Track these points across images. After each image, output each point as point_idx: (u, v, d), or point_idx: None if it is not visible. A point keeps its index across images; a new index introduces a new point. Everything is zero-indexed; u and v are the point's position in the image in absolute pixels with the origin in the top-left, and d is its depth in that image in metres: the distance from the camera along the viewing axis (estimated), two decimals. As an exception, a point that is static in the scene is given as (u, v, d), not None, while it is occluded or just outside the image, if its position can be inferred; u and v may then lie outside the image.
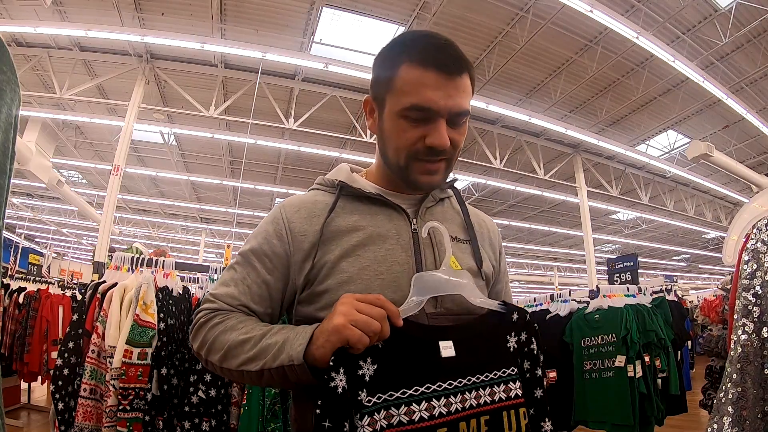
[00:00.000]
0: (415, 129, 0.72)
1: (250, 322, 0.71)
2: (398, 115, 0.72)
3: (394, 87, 0.73)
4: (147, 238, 16.07)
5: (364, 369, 0.62)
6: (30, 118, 6.99)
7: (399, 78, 0.72)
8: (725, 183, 10.55)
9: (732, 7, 5.53)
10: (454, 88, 0.71)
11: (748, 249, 0.99)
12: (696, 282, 22.68)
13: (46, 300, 4.03)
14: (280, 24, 6.14)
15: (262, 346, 0.66)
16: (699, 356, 7.19)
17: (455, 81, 0.71)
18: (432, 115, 0.71)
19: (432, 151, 0.72)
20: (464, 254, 0.81)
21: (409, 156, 0.74)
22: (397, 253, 0.75)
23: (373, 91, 0.78)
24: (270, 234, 0.77)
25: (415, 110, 0.71)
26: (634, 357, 2.63)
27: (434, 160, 0.74)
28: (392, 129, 0.74)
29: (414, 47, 0.72)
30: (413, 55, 0.71)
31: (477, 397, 0.67)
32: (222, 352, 0.69)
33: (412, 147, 0.73)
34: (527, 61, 6.79)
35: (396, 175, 0.79)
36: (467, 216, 0.86)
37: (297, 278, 0.75)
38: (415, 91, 0.70)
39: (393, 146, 0.75)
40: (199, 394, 2.02)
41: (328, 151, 8.74)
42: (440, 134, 0.71)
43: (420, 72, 0.70)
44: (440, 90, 0.70)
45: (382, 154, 0.80)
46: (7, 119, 0.45)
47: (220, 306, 0.75)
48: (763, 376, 0.88)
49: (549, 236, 15.52)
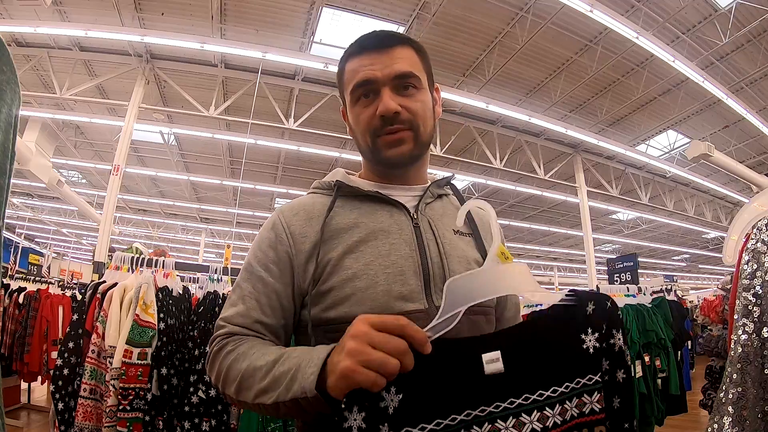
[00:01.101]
0: (367, 108, 0.77)
1: (262, 347, 0.67)
2: (353, 103, 0.78)
3: (344, 82, 0.80)
4: (147, 238, 16.07)
5: (388, 400, 0.51)
6: (30, 118, 6.99)
7: (345, 75, 0.80)
8: (725, 183, 10.55)
9: (732, 7, 5.53)
10: (389, 57, 0.76)
11: (748, 249, 0.99)
12: (696, 282, 22.68)
13: (46, 300, 4.03)
14: (280, 24, 6.14)
15: (275, 375, 0.60)
16: (699, 356, 7.19)
17: (388, 52, 0.76)
18: (373, 86, 0.75)
19: (385, 120, 0.74)
20: (467, 246, 0.81)
21: (372, 135, 0.77)
22: (400, 247, 0.74)
23: (341, 99, 0.85)
24: (272, 240, 0.76)
25: (358, 88, 0.76)
26: (633, 357, 2.63)
27: (393, 130, 0.76)
28: (354, 118, 0.80)
29: (351, 45, 0.80)
30: (350, 50, 0.80)
31: (541, 419, 0.54)
32: (236, 384, 0.65)
33: (370, 125, 0.76)
34: (527, 61, 6.79)
35: (373, 162, 0.82)
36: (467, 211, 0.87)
37: (302, 281, 0.74)
38: (356, 73, 0.77)
39: (360, 133, 0.79)
40: (199, 394, 2.02)
41: (328, 151, 8.73)
42: (384, 102, 0.74)
43: (356, 59, 0.78)
44: (374, 64, 0.75)
45: (359, 150, 0.83)
46: (7, 119, 0.45)
47: (231, 330, 0.71)
48: (763, 376, 0.88)
49: (549, 236, 15.52)
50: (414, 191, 0.83)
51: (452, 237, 0.80)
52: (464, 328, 0.73)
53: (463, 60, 6.83)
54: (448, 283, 0.57)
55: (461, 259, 0.77)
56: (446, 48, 6.48)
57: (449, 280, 0.58)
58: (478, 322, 0.75)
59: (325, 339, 0.70)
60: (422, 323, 0.68)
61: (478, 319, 0.76)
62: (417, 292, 0.71)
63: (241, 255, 15.41)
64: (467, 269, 0.76)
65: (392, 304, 0.69)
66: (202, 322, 2.19)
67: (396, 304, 0.69)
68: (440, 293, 0.71)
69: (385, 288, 0.70)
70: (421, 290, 0.72)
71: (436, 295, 0.72)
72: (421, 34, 6.06)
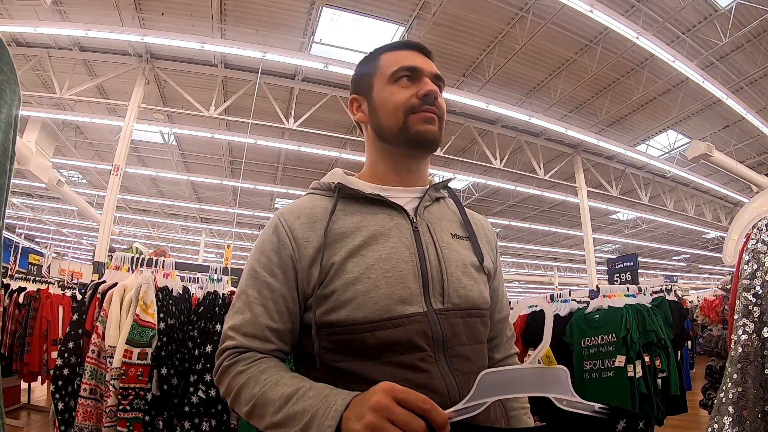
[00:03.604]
0: (407, 89, 0.81)
1: (274, 372, 0.68)
2: (390, 82, 0.82)
3: (378, 70, 0.84)
4: (147, 238, 16.07)
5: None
6: (30, 118, 7.00)
7: (381, 62, 0.84)
8: (725, 183, 10.56)
9: (732, 7, 5.53)
10: (428, 61, 0.85)
11: (749, 249, 0.99)
12: (696, 282, 22.68)
13: (46, 300, 4.03)
14: (280, 24, 6.14)
15: (288, 413, 0.61)
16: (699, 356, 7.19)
17: (426, 57, 0.86)
18: (419, 74, 0.82)
19: (427, 99, 0.80)
20: (465, 250, 0.81)
21: (407, 111, 0.80)
22: (400, 250, 0.75)
23: (357, 87, 0.88)
24: (275, 245, 0.76)
25: (405, 70, 0.81)
26: (634, 357, 2.62)
27: (430, 109, 0.80)
28: (386, 97, 0.82)
29: (385, 45, 0.86)
30: (389, 46, 0.86)
31: None
32: (248, 408, 0.67)
33: (408, 102, 0.80)
34: (527, 61, 6.79)
35: (396, 141, 0.82)
36: (464, 214, 0.88)
37: (306, 285, 0.74)
38: (402, 59, 0.83)
39: (391, 109, 0.81)
40: (199, 394, 2.02)
41: (328, 151, 8.74)
42: (430, 85, 0.81)
43: (399, 52, 0.84)
44: (419, 58, 0.84)
45: (376, 131, 0.84)
46: (7, 119, 0.45)
47: (240, 342, 0.72)
48: (763, 376, 0.88)
49: (549, 236, 15.53)
50: (414, 193, 0.84)
51: (450, 240, 0.80)
52: (461, 329, 0.74)
53: (463, 60, 6.84)
54: (482, 375, 0.57)
55: (458, 262, 0.78)
56: (446, 48, 6.48)
57: (483, 372, 0.58)
58: (473, 324, 0.76)
59: (326, 341, 0.71)
60: (422, 326, 0.70)
61: (474, 321, 0.77)
62: (416, 295, 0.72)
63: (241, 255, 15.42)
64: (464, 273, 0.77)
65: (393, 308, 0.70)
66: (202, 322, 2.19)
67: (396, 307, 0.70)
68: (438, 296, 0.73)
69: (386, 291, 0.70)
70: (420, 293, 0.72)
71: (434, 299, 0.73)
72: (421, 34, 6.06)
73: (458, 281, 0.75)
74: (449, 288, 0.74)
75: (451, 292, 0.74)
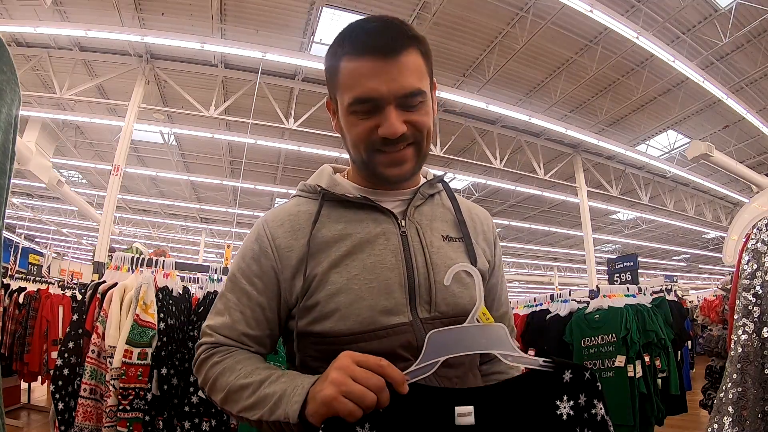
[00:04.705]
0: (365, 121, 0.69)
1: (249, 363, 0.70)
2: (347, 112, 0.70)
3: (338, 83, 0.71)
4: (147, 238, 16.07)
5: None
6: (30, 118, 6.99)
7: (341, 73, 0.70)
8: (725, 183, 10.55)
9: (732, 7, 5.53)
10: (396, 69, 0.66)
11: (749, 249, 0.99)
12: (696, 282, 22.67)
13: (46, 300, 4.03)
14: (280, 24, 6.14)
15: (260, 395, 0.64)
16: (699, 356, 7.20)
17: (396, 61, 0.66)
18: (377, 104, 0.67)
19: (387, 141, 0.69)
20: (456, 253, 0.77)
21: (368, 149, 0.71)
22: (386, 258, 0.72)
23: (329, 90, 0.77)
24: (256, 253, 0.75)
25: (358, 103, 0.68)
26: (634, 357, 2.63)
27: (395, 150, 0.70)
28: (347, 126, 0.72)
29: (349, 37, 0.69)
30: (348, 45, 0.69)
31: None
32: (223, 395, 0.69)
33: (368, 139, 0.70)
34: (527, 61, 6.79)
35: (365, 173, 0.77)
36: (459, 212, 0.82)
37: (289, 295, 0.73)
38: (355, 83, 0.67)
39: (352, 143, 0.72)
40: (199, 394, 2.02)
41: (328, 151, 8.73)
42: (390, 123, 0.67)
43: (356, 62, 0.67)
44: (379, 76, 0.66)
45: (349, 156, 0.78)
46: (7, 119, 0.45)
47: (217, 339, 0.74)
48: (763, 376, 0.88)
49: (549, 236, 15.52)
50: (404, 195, 0.80)
51: (440, 244, 0.77)
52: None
53: (463, 60, 6.83)
54: (430, 334, 0.62)
55: (448, 268, 0.76)
56: (446, 48, 6.48)
57: (432, 332, 0.62)
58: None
59: (311, 350, 0.72)
60: (407, 336, 0.69)
61: None
62: (402, 305, 0.70)
63: (241, 255, 15.39)
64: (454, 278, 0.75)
65: (377, 319, 0.69)
66: (202, 322, 2.18)
67: (380, 318, 0.69)
68: (425, 305, 0.72)
69: (370, 303, 0.69)
70: (406, 303, 0.70)
71: (421, 308, 0.71)
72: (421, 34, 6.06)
73: (447, 288, 0.72)
74: (437, 296, 0.72)
75: (439, 300, 0.72)
